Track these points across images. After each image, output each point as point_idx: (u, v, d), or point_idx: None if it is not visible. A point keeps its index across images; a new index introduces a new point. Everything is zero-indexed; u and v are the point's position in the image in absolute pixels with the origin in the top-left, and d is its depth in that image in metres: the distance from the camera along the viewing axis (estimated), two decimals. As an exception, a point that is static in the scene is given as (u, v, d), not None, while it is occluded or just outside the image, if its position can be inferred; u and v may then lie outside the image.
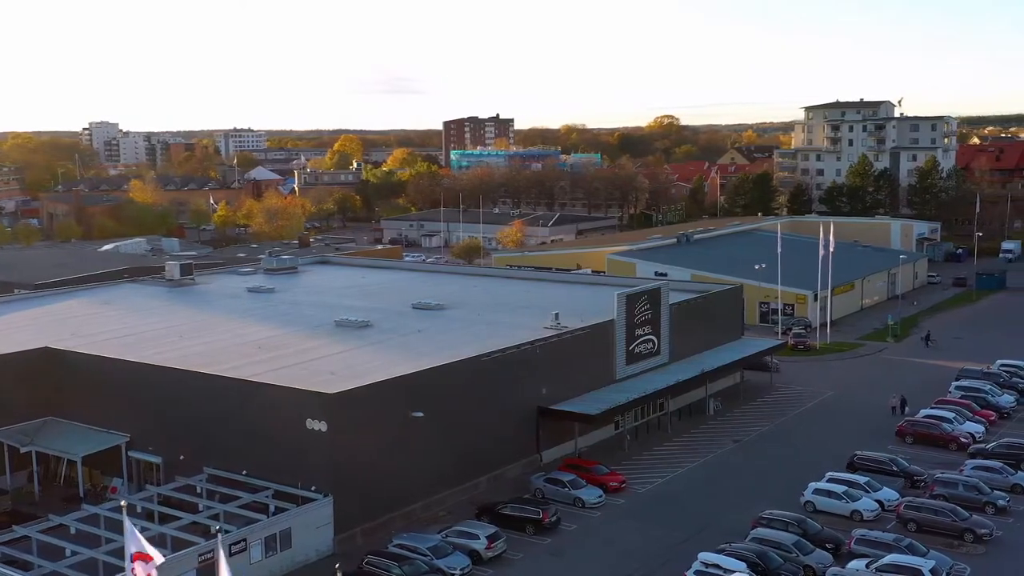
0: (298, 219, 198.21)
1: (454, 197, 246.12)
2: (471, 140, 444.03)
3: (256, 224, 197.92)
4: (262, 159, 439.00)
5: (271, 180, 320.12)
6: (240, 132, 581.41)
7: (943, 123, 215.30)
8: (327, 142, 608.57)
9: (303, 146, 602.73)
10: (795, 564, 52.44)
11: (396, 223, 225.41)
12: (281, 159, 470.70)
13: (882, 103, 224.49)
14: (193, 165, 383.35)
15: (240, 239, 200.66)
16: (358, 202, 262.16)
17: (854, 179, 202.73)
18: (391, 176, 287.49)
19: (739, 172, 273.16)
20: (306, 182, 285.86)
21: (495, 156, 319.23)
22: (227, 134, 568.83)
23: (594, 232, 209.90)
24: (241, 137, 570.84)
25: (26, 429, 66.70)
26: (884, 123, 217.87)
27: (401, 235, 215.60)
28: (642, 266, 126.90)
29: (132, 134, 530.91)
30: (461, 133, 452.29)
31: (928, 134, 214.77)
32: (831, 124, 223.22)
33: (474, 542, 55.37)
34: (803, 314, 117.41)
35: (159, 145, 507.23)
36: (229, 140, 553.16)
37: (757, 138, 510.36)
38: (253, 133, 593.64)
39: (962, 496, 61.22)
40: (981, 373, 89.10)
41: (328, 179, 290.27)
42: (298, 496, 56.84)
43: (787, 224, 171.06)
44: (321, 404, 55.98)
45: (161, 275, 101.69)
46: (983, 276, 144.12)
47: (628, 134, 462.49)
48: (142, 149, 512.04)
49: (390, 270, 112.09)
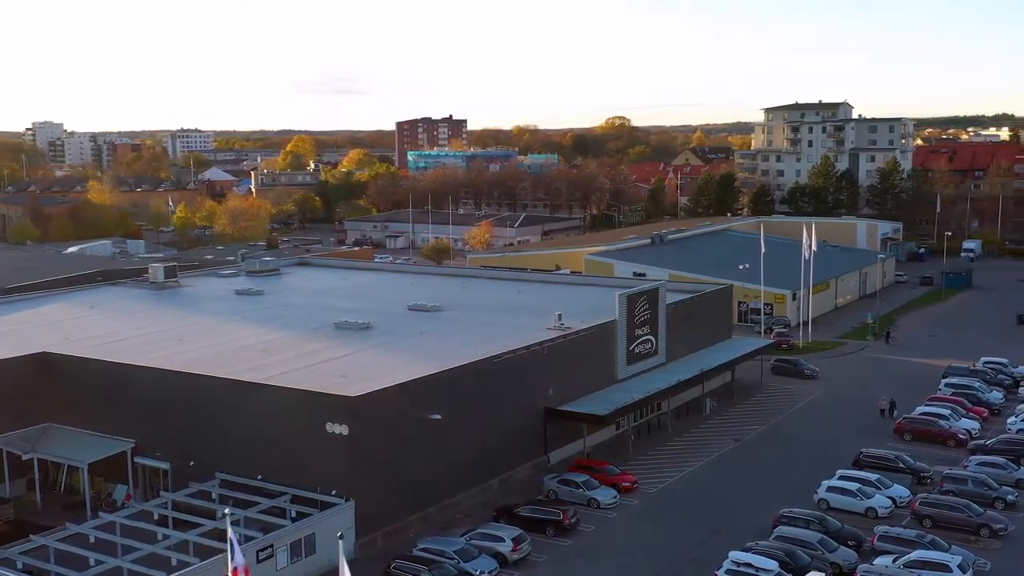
0: (262, 220, 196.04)
1: (415, 198, 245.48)
2: (425, 141, 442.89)
3: (219, 226, 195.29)
4: (212, 160, 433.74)
5: (225, 181, 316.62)
6: (187, 132, 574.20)
7: (900, 125, 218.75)
8: (276, 143, 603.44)
9: (250, 147, 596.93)
10: (822, 562, 52.76)
11: (360, 224, 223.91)
12: (231, 160, 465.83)
13: (840, 104, 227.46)
14: (142, 166, 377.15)
15: (203, 241, 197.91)
16: (318, 203, 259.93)
17: (816, 180, 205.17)
18: (350, 177, 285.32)
19: (695, 173, 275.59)
20: (263, 183, 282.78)
21: (452, 157, 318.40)
22: (174, 135, 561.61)
23: (559, 233, 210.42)
24: (188, 138, 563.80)
25: (26, 436, 65.11)
26: (843, 124, 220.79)
27: (365, 236, 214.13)
28: (620, 266, 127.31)
29: (77, 134, 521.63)
30: (414, 134, 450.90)
31: (886, 135, 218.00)
32: (791, 125, 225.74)
33: (499, 544, 55.05)
34: (782, 313, 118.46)
35: (105, 146, 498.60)
36: (176, 141, 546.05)
37: (705, 139, 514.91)
38: (201, 134, 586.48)
39: (971, 492, 62.06)
40: (968, 370, 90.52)
41: (286, 180, 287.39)
42: (317, 500, 56.13)
43: (754, 224, 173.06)
44: (343, 407, 55.30)
45: (141, 278, 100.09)
46: (951, 275, 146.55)
47: (582, 135, 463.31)
48: (87, 150, 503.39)
49: (372, 271, 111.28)
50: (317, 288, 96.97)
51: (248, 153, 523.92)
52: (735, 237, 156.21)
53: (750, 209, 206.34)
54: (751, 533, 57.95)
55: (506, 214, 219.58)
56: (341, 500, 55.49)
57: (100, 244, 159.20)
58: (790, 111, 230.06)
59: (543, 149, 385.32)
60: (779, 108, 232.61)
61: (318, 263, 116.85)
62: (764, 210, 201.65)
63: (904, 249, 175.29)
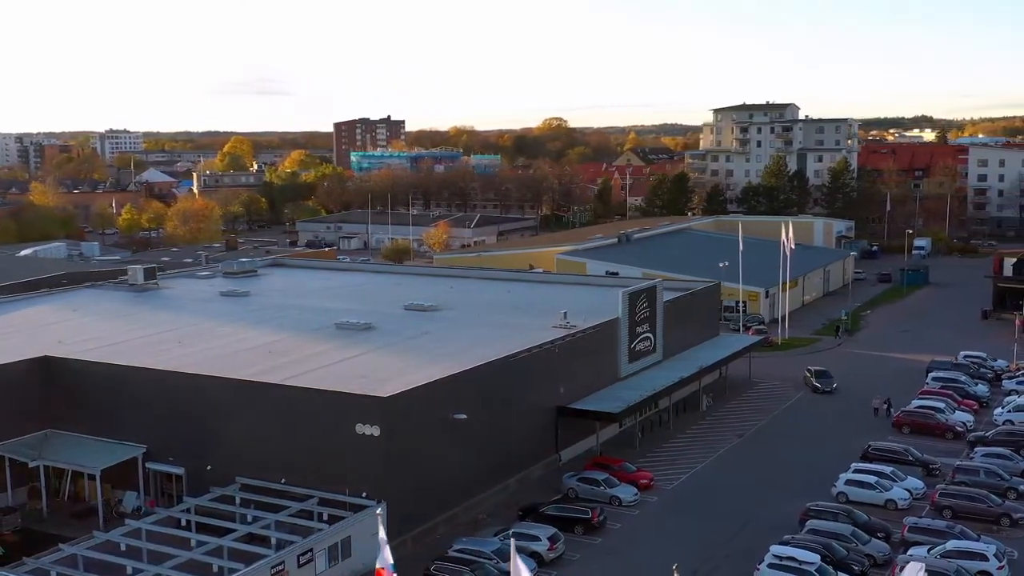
0: (214, 222, 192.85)
1: (362, 199, 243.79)
2: (363, 142, 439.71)
3: (170, 227, 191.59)
4: (145, 161, 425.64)
5: (164, 182, 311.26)
6: (117, 133, 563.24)
7: (846, 125, 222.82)
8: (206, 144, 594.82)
9: (180, 148, 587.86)
10: (858, 554, 53.33)
11: (311, 225, 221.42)
12: (164, 161, 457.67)
13: (788, 105, 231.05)
14: (75, 168, 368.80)
15: (153, 243, 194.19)
16: (264, 204, 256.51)
17: (769, 179, 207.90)
18: (296, 178, 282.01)
19: (638, 174, 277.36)
20: (205, 184, 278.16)
21: (396, 158, 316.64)
22: (103, 136, 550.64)
23: (513, 233, 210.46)
24: (118, 139, 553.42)
25: (29, 443, 63.06)
26: (791, 125, 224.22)
27: (318, 238, 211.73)
28: (592, 265, 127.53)
29: (3, 135, 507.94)
30: (352, 134, 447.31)
31: (832, 135, 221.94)
32: (740, 126, 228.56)
33: (535, 544, 54.70)
34: (755, 311, 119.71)
35: (32, 147, 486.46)
36: (105, 142, 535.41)
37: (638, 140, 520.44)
38: (130, 135, 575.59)
39: (984, 483, 63.24)
40: (951, 365, 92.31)
41: (229, 181, 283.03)
42: (345, 503, 55.23)
43: (712, 224, 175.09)
44: (375, 408, 54.49)
45: (117, 279, 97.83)
46: (909, 272, 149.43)
47: (521, 136, 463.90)
48: (13, 151, 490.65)
49: (351, 272, 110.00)
50: (301, 289, 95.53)
51: (181, 154, 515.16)
52: (697, 236, 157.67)
53: (704, 209, 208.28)
54: (777, 527, 58.37)
55: (460, 215, 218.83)
56: (373, 502, 54.61)
57: (54, 246, 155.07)
58: (739, 112, 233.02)
59: (482, 150, 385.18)
60: (728, 109, 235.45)
61: (292, 264, 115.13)
62: (717, 210, 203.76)
63: (857, 247, 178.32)
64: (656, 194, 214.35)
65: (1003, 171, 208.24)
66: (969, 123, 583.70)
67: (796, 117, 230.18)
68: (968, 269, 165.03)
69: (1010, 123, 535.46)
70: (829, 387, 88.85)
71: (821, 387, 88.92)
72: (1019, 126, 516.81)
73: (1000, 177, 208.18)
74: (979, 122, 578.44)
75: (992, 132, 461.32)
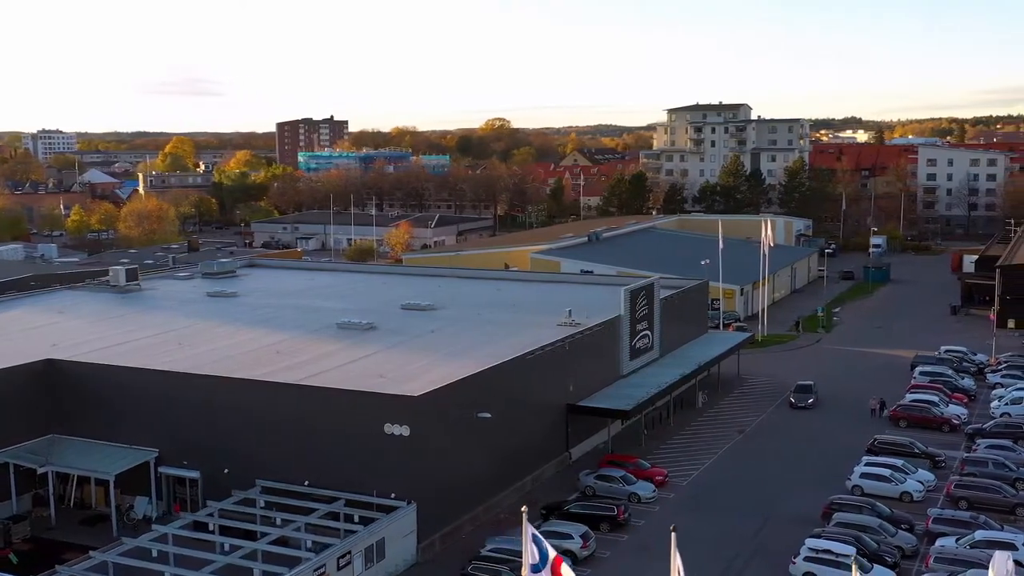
0: (170, 223, 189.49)
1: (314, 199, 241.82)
2: (306, 142, 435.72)
3: (124, 228, 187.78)
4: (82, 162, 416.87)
5: (107, 183, 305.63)
6: (49, 134, 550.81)
7: (798, 125, 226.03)
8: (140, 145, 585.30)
9: (113, 148, 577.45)
10: (888, 546, 53.91)
11: (267, 226, 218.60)
12: (100, 162, 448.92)
13: (741, 106, 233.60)
14: (9, 169, 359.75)
15: (105, 244, 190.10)
16: (214, 205, 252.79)
17: (726, 178, 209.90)
18: (245, 178, 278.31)
19: (586, 174, 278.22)
20: (152, 185, 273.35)
21: (345, 158, 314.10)
22: (34, 136, 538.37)
23: (472, 233, 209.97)
24: (51, 139, 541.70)
25: (34, 448, 61.27)
26: (744, 125, 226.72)
27: (273, 239, 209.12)
28: (566, 264, 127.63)
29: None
30: (295, 135, 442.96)
31: (785, 135, 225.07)
32: (694, 126, 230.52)
33: (568, 542, 54.36)
34: (730, 308, 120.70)
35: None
36: (38, 142, 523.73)
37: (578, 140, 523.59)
38: (64, 135, 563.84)
39: (993, 474, 64.30)
40: (936, 359, 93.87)
41: (176, 182, 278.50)
42: (372, 504, 54.48)
43: (676, 222, 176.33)
44: (405, 408, 53.82)
45: (95, 280, 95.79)
46: (872, 269, 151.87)
47: (466, 136, 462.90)
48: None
49: (330, 272, 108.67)
50: (288, 289, 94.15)
51: (117, 155, 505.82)
52: (662, 235, 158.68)
53: (662, 208, 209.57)
54: (799, 521, 58.94)
55: (419, 215, 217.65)
56: (403, 503, 53.96)
57: (11, 248, 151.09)
58: (692, 112, 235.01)
59: (427, 150, 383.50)
60: (682, 109, 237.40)
61: (268, 264, 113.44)
62: (675, 209, 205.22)
63: (816, 245, 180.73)
64: (614, 193, 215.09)
65: (951, 171, 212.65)
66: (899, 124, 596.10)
67: (749, 117, 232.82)
68: (924, 266, 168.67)
69: (937, 124, 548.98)
70: (804, 403, 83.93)
71: (796, 403, 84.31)
72: (946, 127, 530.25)
73: (948, 176, 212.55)
74: (908, 123, 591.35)
75: (921, 133, 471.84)
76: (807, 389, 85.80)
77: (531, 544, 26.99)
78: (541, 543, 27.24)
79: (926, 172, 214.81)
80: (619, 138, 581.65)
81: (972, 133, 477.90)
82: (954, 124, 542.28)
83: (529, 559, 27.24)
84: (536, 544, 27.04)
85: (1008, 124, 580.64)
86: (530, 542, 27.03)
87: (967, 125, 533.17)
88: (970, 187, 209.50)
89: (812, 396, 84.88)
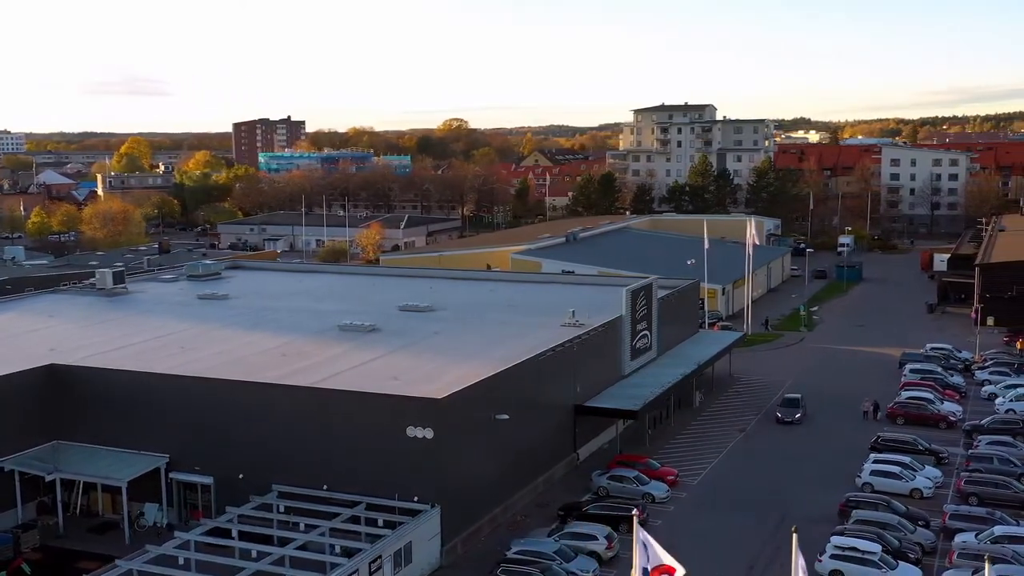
0: (137, 224, 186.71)
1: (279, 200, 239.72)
2: (262, 143, 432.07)
3: (89, 230, 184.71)
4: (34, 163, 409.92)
5: (63, 184, 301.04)
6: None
7: (763, 126, 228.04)
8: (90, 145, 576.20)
9: (63, 148, 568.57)
10: (909, 542, 54.36)
11: (233, 227, 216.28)
12: (52, 163, 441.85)
13: (707, 107, 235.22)
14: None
15: (69, 246, 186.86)
16: (176, 206, 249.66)
17: (695, 178, 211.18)
18: (207, 179, 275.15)
19: (548, 174, 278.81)
20: (111, 186, 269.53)
21: (307, 159, 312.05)
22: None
23: (442, 234, 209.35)
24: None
25: (40, 456, 59.95)
26: (711, 126, 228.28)
27: (241, 240, 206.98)
28: (547, 264, 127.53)
29: None
30: (252, 135, 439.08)
31: (750, 136, 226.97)
32: (660, 126, 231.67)
33: (593, 543, 54.29)
34: (713, 307, 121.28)
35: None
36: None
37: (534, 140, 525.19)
38: (12, 136, 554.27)
39: (998, 470, 65.11)
40: (923, 357, 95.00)
41: (136, 183, 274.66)
42: (395, 508, 53.95)
43: (648, 222, 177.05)
44: (429, 410, 53.34)
45: (80, 283, 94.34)
46: (846, 268, 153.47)
47: (425, 136, 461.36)
48: None
49: (316, 274, 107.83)
50: (277, 291, 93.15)
51: (69, 156, 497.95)
52: (637, 234, 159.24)
53: (632, 208, 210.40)
54: (815, 519, 59.25)
55: (388, 215, 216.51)
56: (427, 506, 53.49)
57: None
58: (659, 112, 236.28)
59: (386, 150, 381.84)
60: (648, 109, 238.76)
61: (252, 266, 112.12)
62: (645, 209, 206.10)
63: (786, 244, 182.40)
64: (583, 193, 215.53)
65: (914, 171, 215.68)
66: (848, 125, 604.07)
67: (715, 118, 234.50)
68: (893, 265, 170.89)
69: (885, 124, 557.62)
70: (791, 417, 78.99)
71: (782, 417, 79.36)
72: (894, 127, 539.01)
73: (912, 176, 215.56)
74: (857, 124, 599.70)
75: (870, 133, 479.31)
76: (794, 403, 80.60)
77: (641, 548, 26.78)
78: (652, 548, 27.03)
79: (889, 172, 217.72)
80: (572, 138, 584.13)
81: (924, 133, 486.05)
82: (901, 125, 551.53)
83: (639, 562, 27.03)
84: (646, 549, 26.83)
85: (954, 125, 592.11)
86: (640, 546, 26.82)
87: (915, 126, 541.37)
88: (933, 187, 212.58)
89: (799, 411, 79.52)
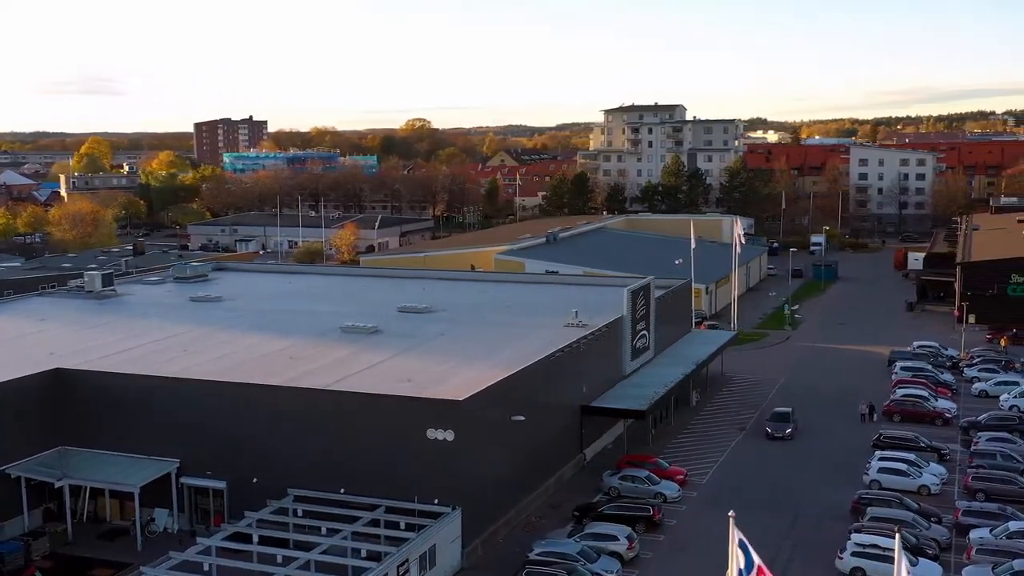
0: (108, 225, 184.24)
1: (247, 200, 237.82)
2: (224, 142, 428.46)
3: (59, 232, 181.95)
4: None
5: (24, 185, 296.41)
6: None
7: (733, 126, 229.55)
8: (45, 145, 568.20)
9: (18, 148, 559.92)
10: (926, 539, 54.88)
11: (204, 228, 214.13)
12: (8, 163, 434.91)
13: (677, 107, 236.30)
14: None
15: (36, 248, 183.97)
16: (143, 207, 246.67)
17: (669, 178, 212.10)
18: (173, 179, 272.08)
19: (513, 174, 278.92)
20: (75, 186, 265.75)
21: (272, 159, 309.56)
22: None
23: (415, 234, 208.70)
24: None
25: (46, 461, 58.97)
26: (681, 126, 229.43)
27: (211, 241, 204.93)
28: (531, 264, 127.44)
29: None
30: (214, 135, 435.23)
31: (720, 136, 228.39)
32: (631, 126, 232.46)
33: (614, 544, 54.31)
34: (698, 307, 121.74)
35: None
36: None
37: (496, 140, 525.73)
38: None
39: (1002, 466, 65.97)
40: (911, 355, 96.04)
41: (100, 183, 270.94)
42: (414, 511, 53.64)
43: (624, 222, 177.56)
44: (450, 412, 53.09)
45: (68, 286, 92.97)
46: (822, 267, 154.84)
47: (388, 136, 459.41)
48: None
49: (304, 275, 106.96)
50: (271, 292, 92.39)
51: (26, 156, 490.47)
52: (615, 234, 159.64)
53: (605, 208, 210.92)
54: (828, 516, 59.97)
55: (360, 216, 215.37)
56: (448, 509, 53.22)
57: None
58: (629, 112, 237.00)
59: (349, 150, 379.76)
60: (619, 110, 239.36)
61: (237, 268, 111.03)
62: (618, 209, 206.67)
63: (760, 244, 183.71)
64: (557, 194, 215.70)
65: (882, 170, 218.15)
66: (804, 125, 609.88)
67: (685, 118, 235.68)
68: (867, 264, 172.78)
69: (840, 125, 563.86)
70: (782, 432, 75.34)
71: (773, 432, 75.59)
72: (849, 127, 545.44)
73: (880, 176, 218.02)
74: (813, 124, 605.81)
75: (826, 134, 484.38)
76: (784, 417, 76.96)
77: (737, 550, 26.78)
78: (747, 549, 27.02)
79: (858, 172, 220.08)
80: (532, 138, 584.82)
81: (883, 133, 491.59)
82: (856, 125, 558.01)
83: (735, 564, 27.02)
84: (743, 550, 26.83)
85: (908, 125, 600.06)
86: (736, 547, 26.82)
87: (871, 126, 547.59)
88: (901, 186, 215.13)
89: (790, 426, 75.92)
